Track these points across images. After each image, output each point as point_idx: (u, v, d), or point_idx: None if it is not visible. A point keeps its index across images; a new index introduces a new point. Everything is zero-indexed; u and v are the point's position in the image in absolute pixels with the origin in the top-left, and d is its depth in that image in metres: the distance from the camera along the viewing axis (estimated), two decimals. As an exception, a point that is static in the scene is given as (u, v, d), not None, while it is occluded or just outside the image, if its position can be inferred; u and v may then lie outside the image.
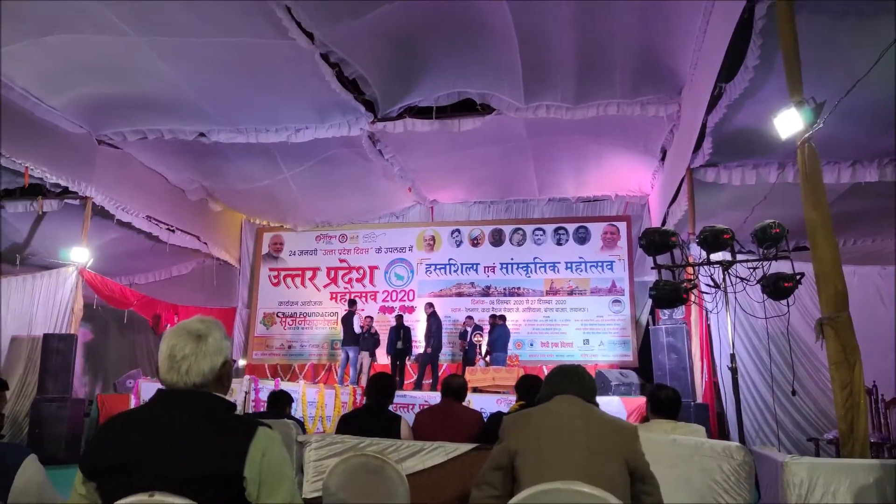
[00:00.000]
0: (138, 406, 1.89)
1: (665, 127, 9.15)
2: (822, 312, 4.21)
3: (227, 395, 1.87)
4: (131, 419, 1.79)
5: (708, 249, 5.38)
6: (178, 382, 1.75)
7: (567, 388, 2.40)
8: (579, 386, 2.42)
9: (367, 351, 11.93)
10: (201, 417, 1.72)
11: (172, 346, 1.77)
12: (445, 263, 13.99)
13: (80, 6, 7.10)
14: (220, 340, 1.83)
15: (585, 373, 2.52)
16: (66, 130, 9.67)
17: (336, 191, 12.71)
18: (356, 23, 7.55)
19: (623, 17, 6.73)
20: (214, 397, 1.78)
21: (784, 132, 4.53)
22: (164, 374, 1.77)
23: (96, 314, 12.09)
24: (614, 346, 12.75)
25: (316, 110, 9.45)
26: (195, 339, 1.78)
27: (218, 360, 1.80)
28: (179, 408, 1.73)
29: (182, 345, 1.77)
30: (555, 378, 2.49)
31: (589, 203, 13.55)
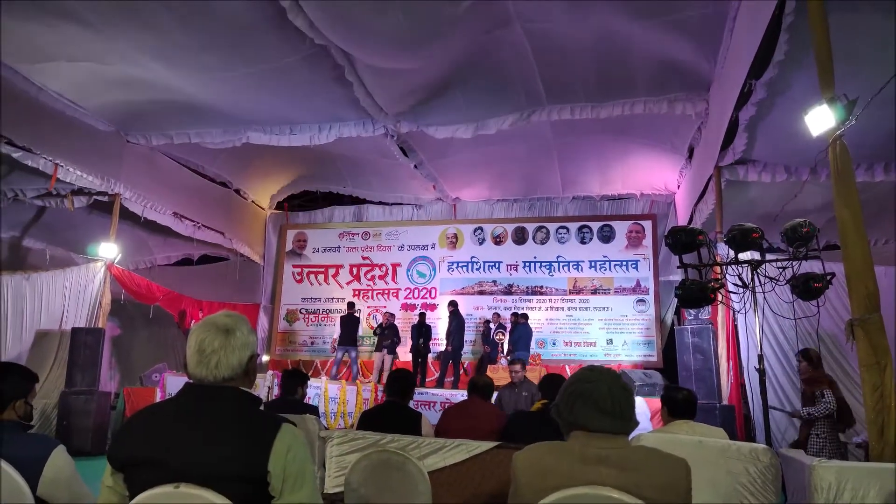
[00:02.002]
0: (166, 399, 1.91)
1: (693, 124, 9.03)
2: (853, 313, 4.12)
3: (251, 390, 1.88)
4: (159, 412, 1.81)
5: (736, 249, 5.29)
6: (208, 376, 1.76)
7: (597, 422, 1.79)
8: (614, 418, 1.80)
9: (387, 348, 11.95)
10: (228, 412, 1.73)
11: (201, 341, 1.79)
12: (468, 261, 13.97)
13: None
14: (246, 335, 1.84)
15: (621, 392, 1.83)
16: (96, 128, 9.84)
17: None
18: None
19: (648, 18, 6.64)
20: (241, 392, 1.79)
21: (815, 129, 4.44)
22: (193, 369, 1.78)
23: (123, 309, 12.29)
24: (638, 346, 12.63)
25: (339, 110, 9.50)
26: (224, 334, 1.80)
27: (245, 355, 1.82)
28: (207, 402, 1.75)
29: (211, 339, 1.78)
30: (578, 402, 1.83)
31: (614, 201, 13.43)
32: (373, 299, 14.25)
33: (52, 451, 2.31)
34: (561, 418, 1.87)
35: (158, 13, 6.74)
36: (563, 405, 1.86)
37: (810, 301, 5.13)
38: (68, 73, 8.19)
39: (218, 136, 10.11)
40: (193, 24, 6.95)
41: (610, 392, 1.80)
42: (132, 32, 7.14)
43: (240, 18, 6.85)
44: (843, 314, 6.61)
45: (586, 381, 1.85)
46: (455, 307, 12.29)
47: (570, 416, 1.84)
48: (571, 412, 1.83)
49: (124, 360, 13.71)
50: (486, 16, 7.05)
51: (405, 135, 10.20)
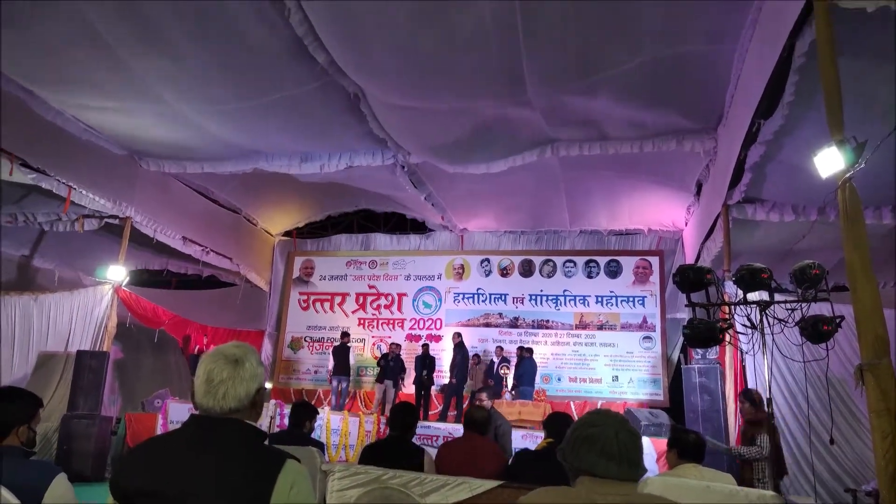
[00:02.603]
0: (171, 431, 1.90)
1: (701, 162, 9.07)
2: (862, 358, 4.07)
3: (257, 422, 1.87)
4: (163, 444, 1.80)
5: (745, 288, 5.27)
6: (214, 407, 1.75)
7: (603, 468, 1.73)
8: (621, 464, 1.72)
9: (391, 380, 11.87)
10: (233, 445, 1.72)
11: (210, 371, 1.78)
12: (474, 293, 13.94)
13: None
14: (255, 366, 1.84)
15: (629, 437, 1.77)
16: (111, 153, 9.96)
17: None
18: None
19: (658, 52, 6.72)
20: (246, 426, 1.78)
21: (824, 171, 4.44)
22: (201, 399, 1.77)
23: (128, 332, 12.29)
24: (644, 383, 12.50)
25: (350, 140, 9.61)
26: (232, 364, 1.79)
27: (253, 386, 1.81)
28: (212, 435, 1.74)
29: (219, 369, 1.78)
30: (584, 447, 1.77)
31: (621, 236, 13.42)
32: (378, 329, 14.20)
33: (53, 478, 2.29)
34: (567, 463, 1.82)
35: (177, 40, 6.85)
36: (569, 450, 1.80)
37: (819, 344, 5.08)
38: (86, 99, 8.31)
39: (230, 165, 10.23)
40: (210, 51, 7.07)
41: (617, 437, 1.74)
42: (151, 60, 7.26)
43: (255, 47, 6.96)
44: (852, 357, 6.54)
45: (592, 425, 1.80)
46: (460, 339, 12.23)
47: (576, 461, 1.78)
48: (577, 457, 1.77)
49: (126, 384, 13.65)
50: (502, 82, 7.18)
51: (414, 165, 10.29)
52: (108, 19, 6.52)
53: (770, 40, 5.42)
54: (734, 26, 6.10)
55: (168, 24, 6.58)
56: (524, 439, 9.10)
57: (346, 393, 12.42)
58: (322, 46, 6.71)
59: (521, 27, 6.24)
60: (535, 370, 11.58)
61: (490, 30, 6.29)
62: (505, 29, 6.26)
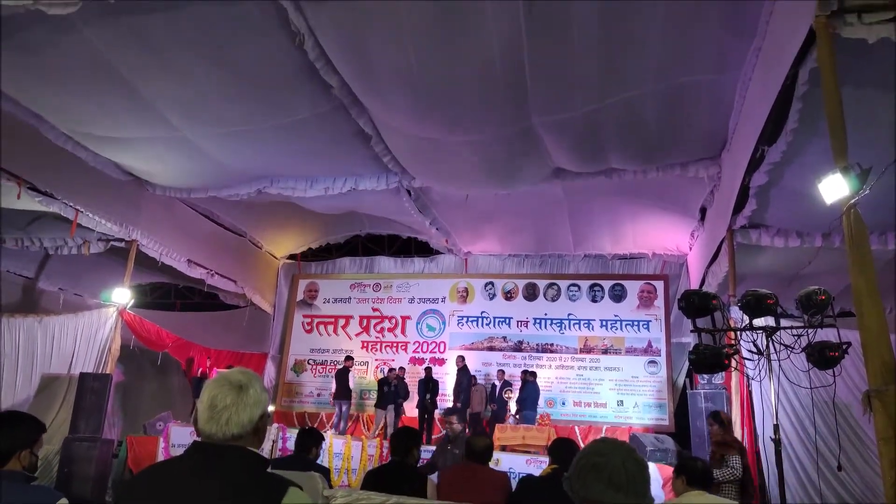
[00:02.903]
0: (173, 458, 1.89)
1: (705, 187, 9.09)
2: (870, 384, 4.03)
3: (259, 449, 1.86)
4: (166, 471, 1.80)
5: (750, 314, 5.25)
6: (217, 433, 1.75)
7: (610, 498, 1.71)
8: (628, 494, 1.71)
9: (393, 403, 11.77)
10: (235, 473, 1.71)
11: (214, 397, 1.78)
12: (478, 316, 13.90)
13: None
14: (259, 393, 1.84)
15: (635, 467, 1.76)
16: (118, 177, 10.02)
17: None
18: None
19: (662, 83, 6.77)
20: (249, 453, 1.78)
21: (829, 197, 4.45)
22: (203, 425, 1.77)
23: (131, 355, 12.27)
24: (649, 408, 12.40)
25: (355, 164, 9.66)
26: (236, 390, 1.79)
27: (256, 413, 1.81)
28: (214, 462, 1.73)
29: (223, 395, 1.78)
30: (591, 476, 1.75)
31: (625, 260, 13.41)
32: (381, 352, 14.15)
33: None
34: (573, 492, 1.79)
35: (185, 65, 6.91)
36: (576, 479, 1.78)
37: (826, 370, 5.04)
38: (95, 127, 8.38)
39: (235, 189, 10.29)
40: (219, 76, 7.11)
41: (624, 466, 1.72)
42: (159, 86, 7.32)
43: (263, 72, 7.03)
44: (859, 383, 6.47)
45: (599, 454, 1.78)
46: (464, 363, 12.17)
47: (582, 491, 1.76)
48: (584, 486, 1.75)
49: (127, 406, 13.60)
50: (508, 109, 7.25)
51: (419, 189, 10.34)
52: (116, 46, 6.59)
53: (773, 68, 5.46)
54: (737, 55, 6.15)
55: (177, 50, 6.66)
56: (528, 464, 9.03)
57: (347, 417, 12.35)
58: (333, 71, 6.78)
59: (527, 58, 6.31)
60: (538, 394, 11.50)
61: (497, 59, 6.35)
62: (511, 59, 6.33)
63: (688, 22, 5.73)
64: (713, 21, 5.71)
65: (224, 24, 6.24)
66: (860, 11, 4.50)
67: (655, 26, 5.83)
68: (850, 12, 4.48)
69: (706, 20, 5.70)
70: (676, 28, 5.83)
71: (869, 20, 4.49)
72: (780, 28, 5.25)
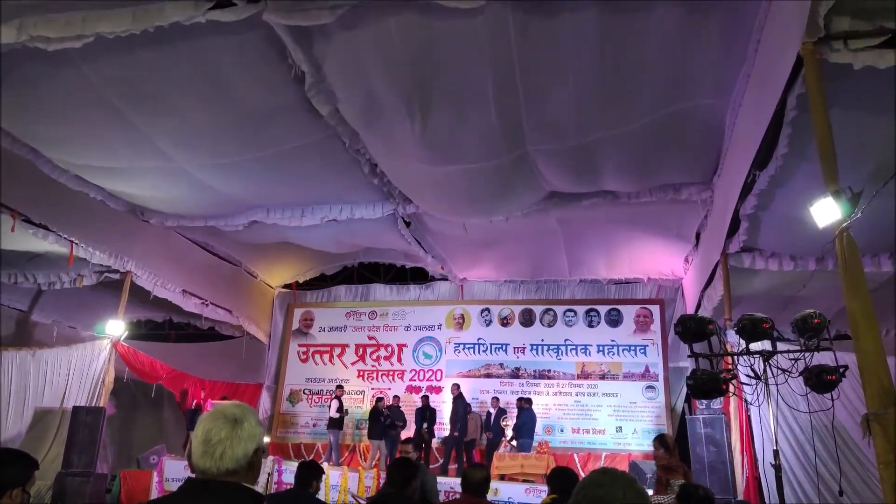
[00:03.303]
0: (166, 495, 1.87)
1: (699, 212, 9.15)
2: (868, 408, 4.02)
3: (254, 484, 1.84)
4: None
5: (747, 338, 5.25)
6: (211, 468, 1.73)
7: None
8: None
9: (386, 436, 11.61)
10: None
11: (208, 430, 1.77)
12: (474, 343, 13.84)
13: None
14: (254, 426, 1.82)
15: (636, 498, 1.76)
16: (114, 208, 10.02)
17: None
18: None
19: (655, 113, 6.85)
20: (244, 489, 1.75)
21: (821, 221, 4.48)
22: (198, 459, 1.75)
23: (124, 387, 12.16)
24: (648, 434, 12.24)
25: (350, 192, 9.70)
26: (231, 424, 1.78)
27: (251, 447, 1.79)
28: (208, 498, 1.71)
29: (218, 429, 1.76)
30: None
31: (621, 285, 13.41)
32: (377, 380, 14.04)
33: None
34: None
35: (180, 97, 6.96)
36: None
37: (824, 394, 5.03)
38: (91, 159, 8.40)
39: (231, 219, 10.29)
40: (214, 106, 7.14)
41: (625, 497, 1.70)
42: (155, 118, 7.36)
43: (257, 101, 7.07)
44: (858, 406, 6.45)
45: (599, 485, 1.76)
46: (459, 391, 12.08)
47: None
48: None
49: (122, 439, 13.44)
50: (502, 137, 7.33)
51: (413, 216, 10.35)
52: (113, 80, 6.65)
53: (763, 93, 5.54)
54: (728, 81, 6.24)
55: (173, 83, 6.71)
56: (527, 493, 8.93)
57: (338, 447, 12.29)
58: (326, 100, 6.83)
59: (521, 88, 6.38)
60: (535, 421, 11.41)
61: (490, 89, 6.42)
62: (505, 88, 6.40)
63: (682, 50, 5.81)
64: (707, 47, 5.79)
65: (219, 56, 6.30)
66: (846, 38, 4.59)
67: (651, 55, 5.91)
68: (836, 39, 4.57)
69: (700, 46, 5.77)
70: (671, 57, 5.90)
71: (855, 46, 4.57)
72: (769, 54, 5.33)
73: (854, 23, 4.55)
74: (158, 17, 5.46)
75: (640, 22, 5.46)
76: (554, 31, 5.60)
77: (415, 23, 5.61)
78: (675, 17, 5.41)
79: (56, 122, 7.43)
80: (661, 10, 5.33)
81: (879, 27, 4.54)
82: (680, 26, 5.52)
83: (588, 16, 5.41)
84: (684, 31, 5.57)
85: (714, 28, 5.57)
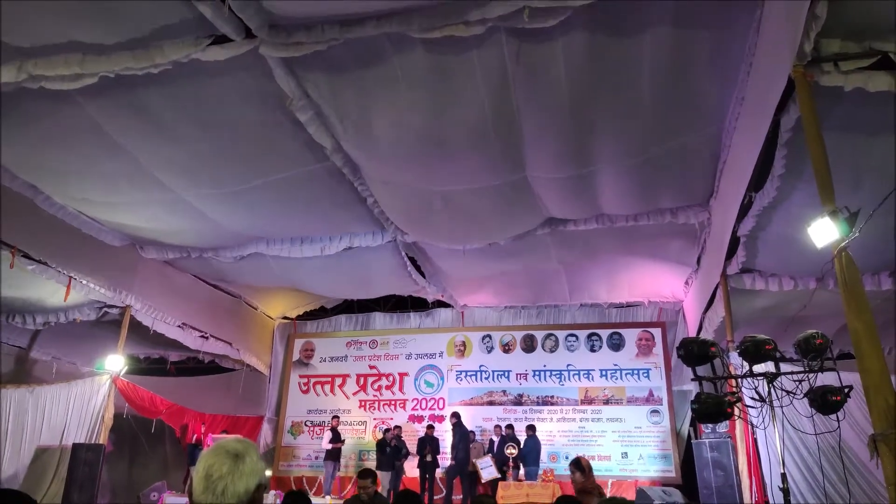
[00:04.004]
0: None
1: (697, 234, 9.17)
2: (874, 428, 3.99)
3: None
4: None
5: (750, 361, 5.22)
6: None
7: None
8: None
9: (393, 467, 11.48)
10: None
11: (209, 466, 1.74)
12: (476, 370, 13.75)
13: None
14: (256, 462, 1.80)
15: None
16: (112, 243, 10.02)
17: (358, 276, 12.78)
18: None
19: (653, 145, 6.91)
20: (245, 526, 1.73)
21: (819, 241, 4.49)
22: (199, 496, 1.73)
23: (124, 422, 12.04)
24: (655, 460, 12.15)
25: (349, 222, 9.72)
26: (232, 459, 1.76)
27: (253, 483, 1.77)
28: None
29: (219, 464, 1.74)
30: None
31: (622, 308, 13.37)
32: (379, 410, 13.91)
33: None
34: None
35: (179, 127, 6.99)
36: None
37: (830, 415, 4.98)
38: (90, 193, 8.43)
39: (230, 251, 10.30)
40: (212, 136, 7.17)
41: None
42: (154, 149, 7.40)
43: (255, 131, 7.11)
44: (865, 426, 6.39)
45: None
46: (457, 419, 11.92)
47: None
48: None
49: (122, 476, 13.25)
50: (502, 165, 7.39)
51: (412, 244, 10.37)
52: (110, 113, 6.70)
53: (756, 116, 5.59)
54: (722, 106, 6.30)
55: (171, 117, 6.76)
56: (534, 523, 8.79)
57: (333, 477, 12.24)
58: (326, 132, 6.88)
59: (521, 123, 6.45)
60: (540, 449, 11.28)
61: (489, 117, 6.48)
62: (504, 119, 6.46)
63: (675, 79, 5.87)
64: (699, 73, 5.85)
65: (217, 91, 6.36)
66: (836, 60, 4.65)
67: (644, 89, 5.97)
68: (827, 61, 4.63)
69: (692, 72, 5.83)
70: (665, 86, 5.96)
71: (846, 68, 4.63)
72: (761, 77, 5.39)
73: (844, 44, 4.62)
74: (159, 56, 5.53)
75: (633, 49, 5.53)
76: (547, 61, 5.66)
77: (413, 54, 5.68)
78: (667, 46, 5.47)
79: (54, 155, 7.47)
80: (651, 38, 5.39)
81: (869, 49, 4.61)
82: (672, 54, 5.58)
83: (580, 45, 5.47)
84: (676, 58, 5.63)
85: (705, 53, 5.63)
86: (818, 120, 4.44)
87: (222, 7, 4.97)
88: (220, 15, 5.07)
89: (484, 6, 4.90)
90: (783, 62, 4.63)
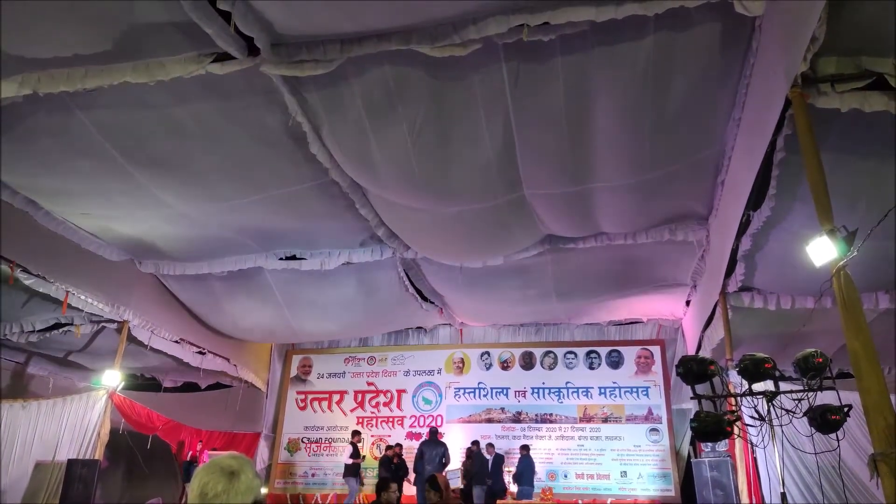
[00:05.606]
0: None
1: (695, 252, 9.17)
2: (874, 447, 3.97)
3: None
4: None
5: (749, 379, 5.21)
6: None
7: None
8: None
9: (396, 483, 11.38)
10: None
11: (205, 484, 1.74)
12: (475, 387, 13.70)
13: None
14: (251, 479, 1.80)
15: None
16: (110, 257, 10.01)
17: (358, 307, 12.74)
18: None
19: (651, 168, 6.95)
20: (241, 545, 1.72)
21: (817, 260, 4.50)
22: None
23: (120, 438, 11.95)
24: (654, 479, 12.07)
25: (348, 237, 9.73)
26: (228, 476, 1.76)
27: (248, 500, 1.77)
28: None
29: (215, 482, 1.74)
30: None
31: (621, 326, 13.35)
32: (377, 427, 13.85)
33: None
34: None
35: (180, 144, 7.00)
36: None
37: (829, 434, 4.97)
38: (90, 208, 8.42)
39: (230, 264, 10.28)
40: (214, 152, 7.18)
41: None
42: (154, 167, 7.43)
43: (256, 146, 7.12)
44: (865, 445, 6.37)
45: None
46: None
47: None
48: None
49: (117, 493, 13.14)
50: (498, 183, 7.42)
51: (411, 260, 10.35)
52: (110, 130, 6.72)
53: (754, 137, 5.63)
54: (719, 127, 6.33)
55: (171, 130, 6.78)
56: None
57: (355, 494, 12.02)
58: (325, 148, 6.91)
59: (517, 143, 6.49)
60: (534, 468, 11.18)
61: (487, 136, 6.52)
62: (502, 139, 6.50)
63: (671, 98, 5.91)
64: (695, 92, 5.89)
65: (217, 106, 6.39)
66: (833, 81, 4.69)
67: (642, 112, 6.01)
68: (824, 82, 4.68)
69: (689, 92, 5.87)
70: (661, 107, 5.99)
71: (842, 89, 4.67)
72: (758, 98, 5.43)
73: (841, 65, 4.67)
74: (160, 72, 5.55)
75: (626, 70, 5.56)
76: (545, 80, 5.70)
77: (410, 72, 5.72)
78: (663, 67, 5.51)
79: (54, 171, 7.46)
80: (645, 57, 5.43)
81: (865, 71, 4.66)
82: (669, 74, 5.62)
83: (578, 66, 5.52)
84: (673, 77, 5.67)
85: (700, 71, 5.67)
86: (815, 140, 4.48)
87: (227, 26, 5.00)
88: (224, 33, 5.10)
89: (481, 25, 4.94)
90: (780, 83, 4.67)
